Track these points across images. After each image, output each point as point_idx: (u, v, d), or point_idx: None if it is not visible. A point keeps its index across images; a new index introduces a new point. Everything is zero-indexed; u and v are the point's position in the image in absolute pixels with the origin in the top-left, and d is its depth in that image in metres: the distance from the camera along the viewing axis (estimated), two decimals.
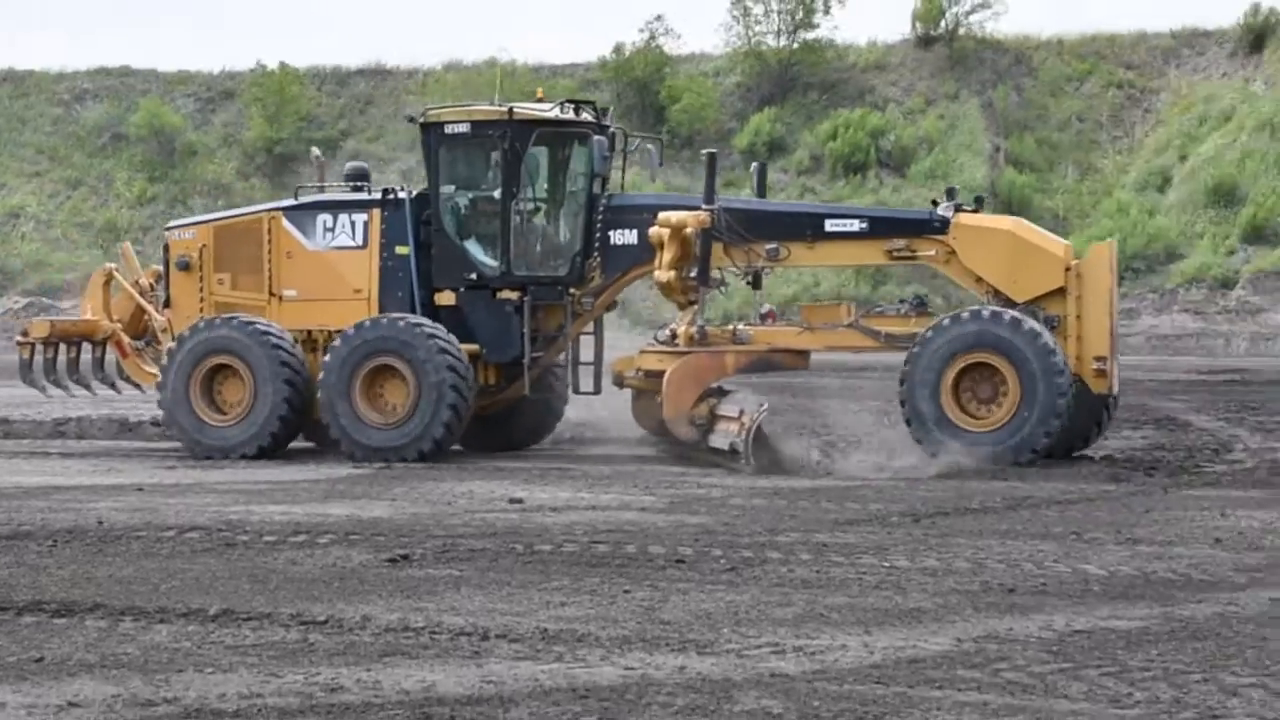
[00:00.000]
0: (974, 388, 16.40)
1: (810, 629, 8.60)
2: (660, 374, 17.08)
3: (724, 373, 17.26)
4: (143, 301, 19.55)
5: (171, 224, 19.93)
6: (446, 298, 17.85)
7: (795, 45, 52.26)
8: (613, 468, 16.89)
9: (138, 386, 20.01)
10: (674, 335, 17.48)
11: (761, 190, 18.89)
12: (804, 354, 17.80)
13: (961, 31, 52.29)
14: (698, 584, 9.97)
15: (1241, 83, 48.83)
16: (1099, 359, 16.45)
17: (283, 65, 55.03)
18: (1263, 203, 43.88)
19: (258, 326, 17.74)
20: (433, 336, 17.15)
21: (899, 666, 7.76)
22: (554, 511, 13.40)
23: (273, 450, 17.70)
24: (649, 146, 18.59)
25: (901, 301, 18.78)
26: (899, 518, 12.96)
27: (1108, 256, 16.83)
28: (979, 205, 17.91)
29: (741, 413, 16.40)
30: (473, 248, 17.84)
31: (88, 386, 20.00)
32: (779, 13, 52.41)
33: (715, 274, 17.63)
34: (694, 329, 17.24)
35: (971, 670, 7.66)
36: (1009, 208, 47.09)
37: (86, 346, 19.81)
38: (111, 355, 19.77)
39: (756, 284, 17.93)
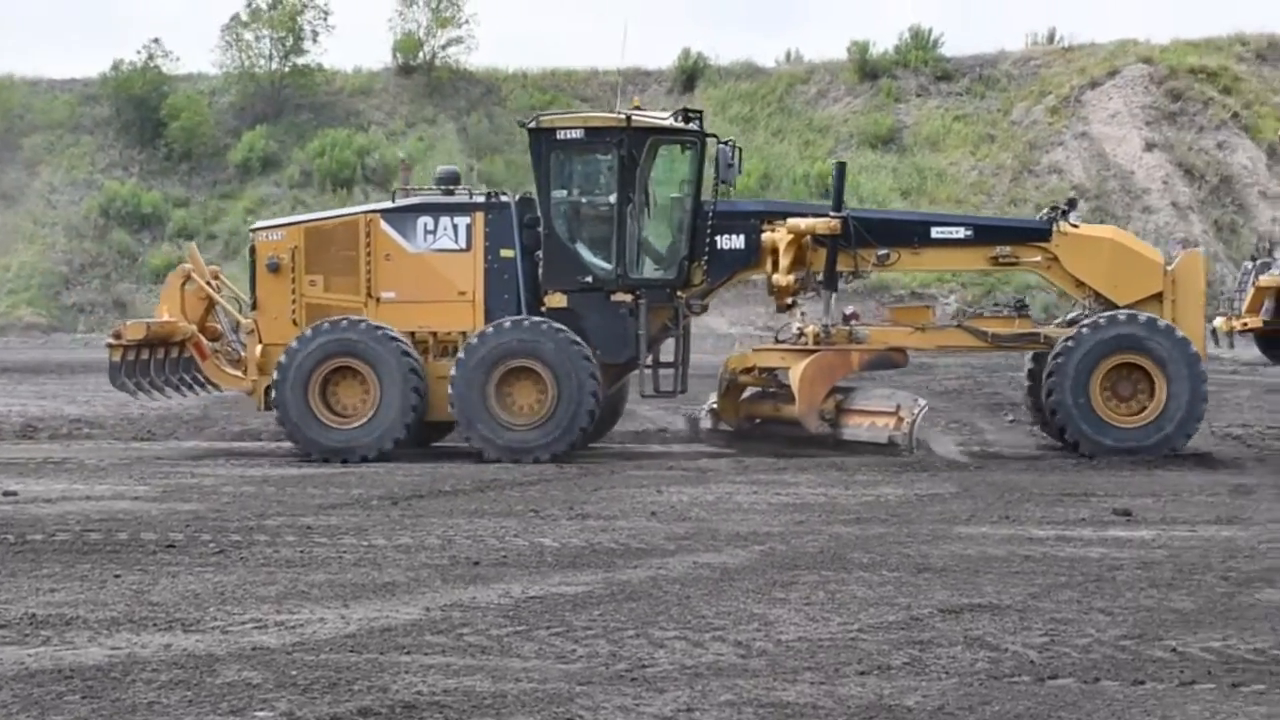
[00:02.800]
0: (1114, 387, 15.88)
1: (292, 605, 8.45)
2: (774, 371, 16.68)
3: (850, 369, 16.58)
4: (224, 303, 17.55)
5: (258, 225, 17.87)
6: (558, 300, 16.61)
7: (287, 69, 51.43)
8: (109, 460, 16.19)
9: (194, 388, 17.80)
10: (801, 334, 16.68)
11: (840, 192, 17.28)
12: (904, 352, 16.95)
13: (438, 63, 52.62)
14: (187, 567, 9.66)
15: None
16: None
17: None
18: None
19: (384, 330, 16.27)
20: (571, 340, 16.14)
21: (372, 635, 7.71)
22: (48, 503, 12.71)
23: (393, 452, 16.21)
24: (723, 148, 17.36)
25: (996, 305, 18.24)
26: (379, 501, 12.89)
27: (1200, 263, 16.70)
28: (1071, 208, 17.34)
29: (899, 407, 15.99)
30: (585, 251, 16.71)
31: (163, 390, 17.68)
32: (270, 39, 51.46)
33: (797, 278, 16.63)
34: (820, 328, 16.51)
35: (438, 635, 7.69)
36: None
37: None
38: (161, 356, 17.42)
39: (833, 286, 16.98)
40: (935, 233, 16.74)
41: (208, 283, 17.50)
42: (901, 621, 8.02)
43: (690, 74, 51.83)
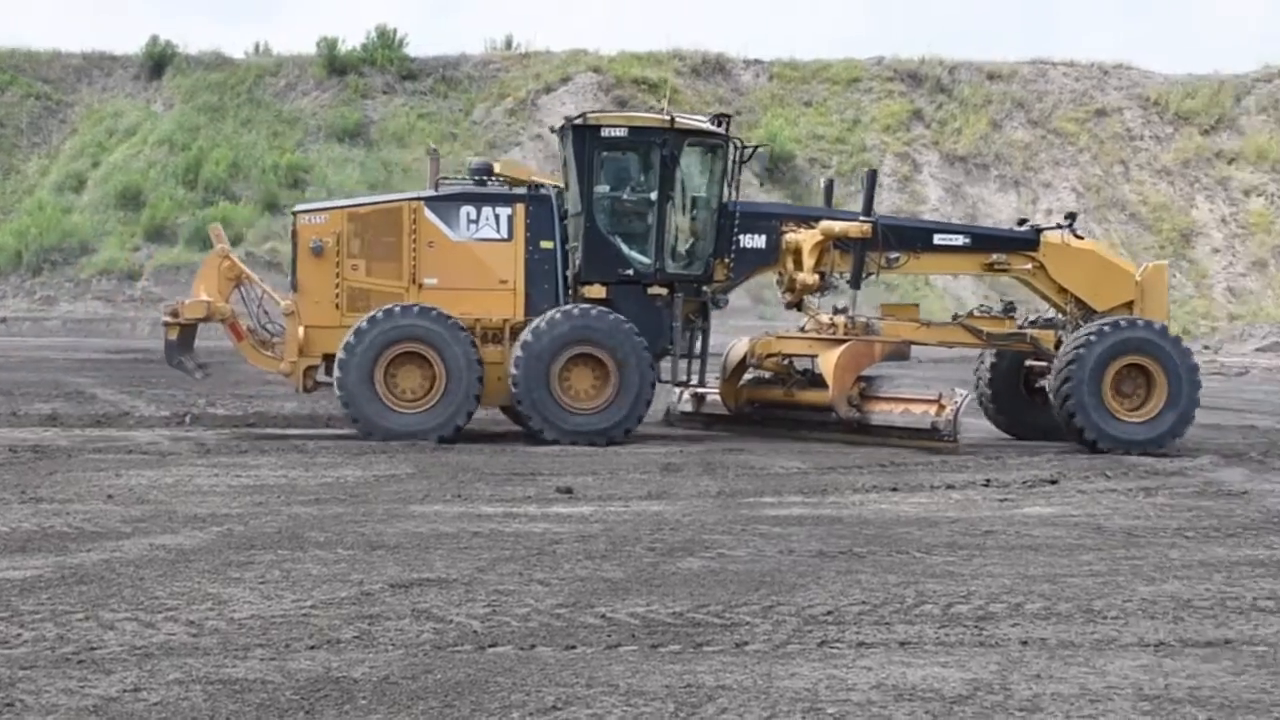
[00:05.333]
0: (1118, 384, 16.43)
1: None
2: (792, 358, 17.34)
3: (873, 359, 16.96)
4: (263, 286, 16.96)
5: (300, 208, 17.27)
6: (596, 291, 16.71)
7: None
8: None
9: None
10: (831, 324, 17.02)
11: (871, 199, 17.48)
12: (909, 344, 17.45)
13: None
14: None
15: (145, 103, 49.00)
16: None
17: None
18: (161, 206, 44.39)
19: (451, 318, 16.06)
20: (633, 330, 16.27)
21: None
22: None
23: (456, 436, 16.02)
24: (760, 151, 16.49)
25: (982, 307, 18.39)
26: None
27: (1165, 273, 17.61)
28: (1073, 221, 17.84)
29: (940, 395, 16.22)
30: (625, 245, 16.83)
31: (209, 369, 17.23)
32: None
33: (820, 277, 17.12)
34: (848, 320, 16.96)
35: None
36: None
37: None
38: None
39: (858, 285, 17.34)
40: (937, 239, 17.57)
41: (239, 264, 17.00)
42: (353, 597, 8.03)
43: (158, 61, 49.96)
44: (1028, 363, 17.68)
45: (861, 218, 17.15)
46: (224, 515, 10.81)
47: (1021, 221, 18.97)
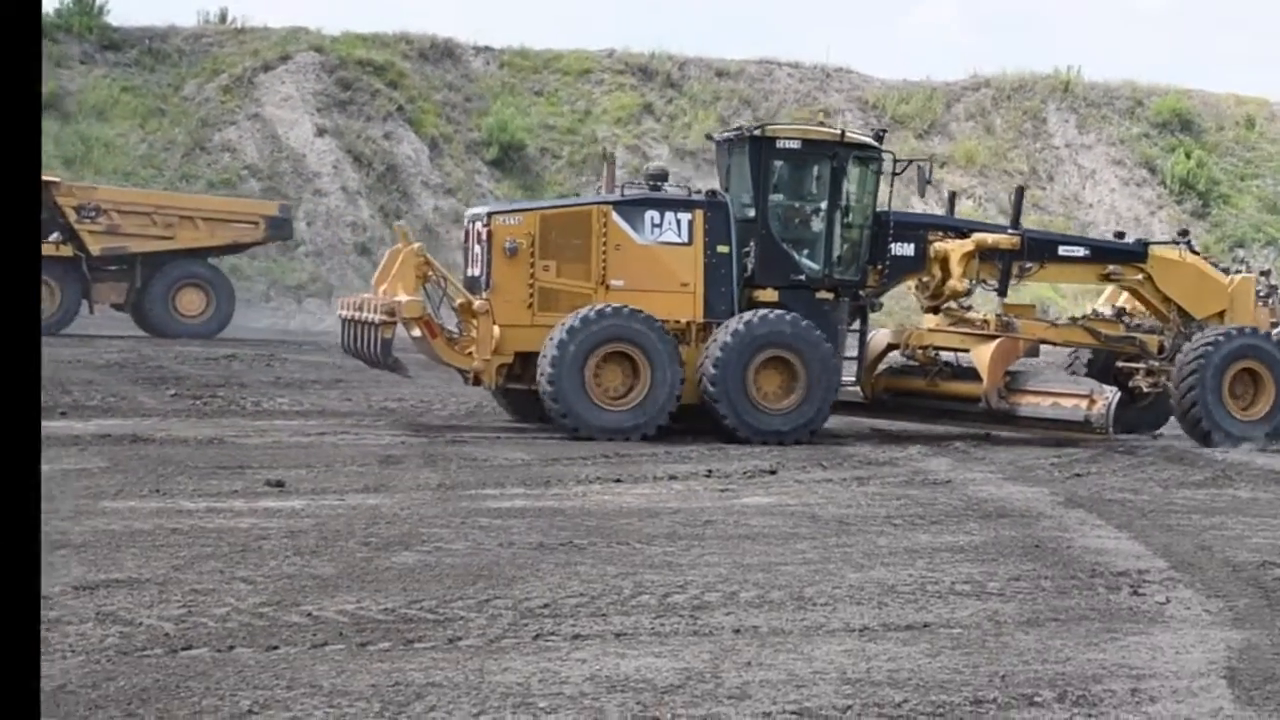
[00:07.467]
0: (1232, 387, 18.08)
1: None
2: (939, 350, 18.33)
3: (1018, 355, 18.29)
4: (454, 282, 17.36)
5: (495, 209, 17.76)
6: (769, 295, 17.35)
7: None
8: None
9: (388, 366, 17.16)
10: (984, 321, 18.17)
11: (1019, 212, 19.06)
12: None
13: None
14: None
15: None
16: None
17: None
18: None
19: (655, 319, 16.71)
20: (824, 337, 16.95)
21: None
22: None
23: (659, 433, 16.65)
24: (920, 165, 18.15)
25: (1095, 311, 19.49)
26: None
27: (1251, 284, 19.26)
28: (1187, 236, 19.84)
29: (1091, 391, 17.33)
30: (795, 251, 17.57)
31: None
32: None
33: (969, 284, 18.27)
34: (997, 318, 18.10)
35: None
36: None
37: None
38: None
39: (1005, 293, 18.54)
40: (1061, 250, 18.96)
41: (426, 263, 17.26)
42: None
43: None
44: (1118, 363, 19.24)
45: (1010, 230, 18.64)
46: None
47: (1119, 234, 21.16)
